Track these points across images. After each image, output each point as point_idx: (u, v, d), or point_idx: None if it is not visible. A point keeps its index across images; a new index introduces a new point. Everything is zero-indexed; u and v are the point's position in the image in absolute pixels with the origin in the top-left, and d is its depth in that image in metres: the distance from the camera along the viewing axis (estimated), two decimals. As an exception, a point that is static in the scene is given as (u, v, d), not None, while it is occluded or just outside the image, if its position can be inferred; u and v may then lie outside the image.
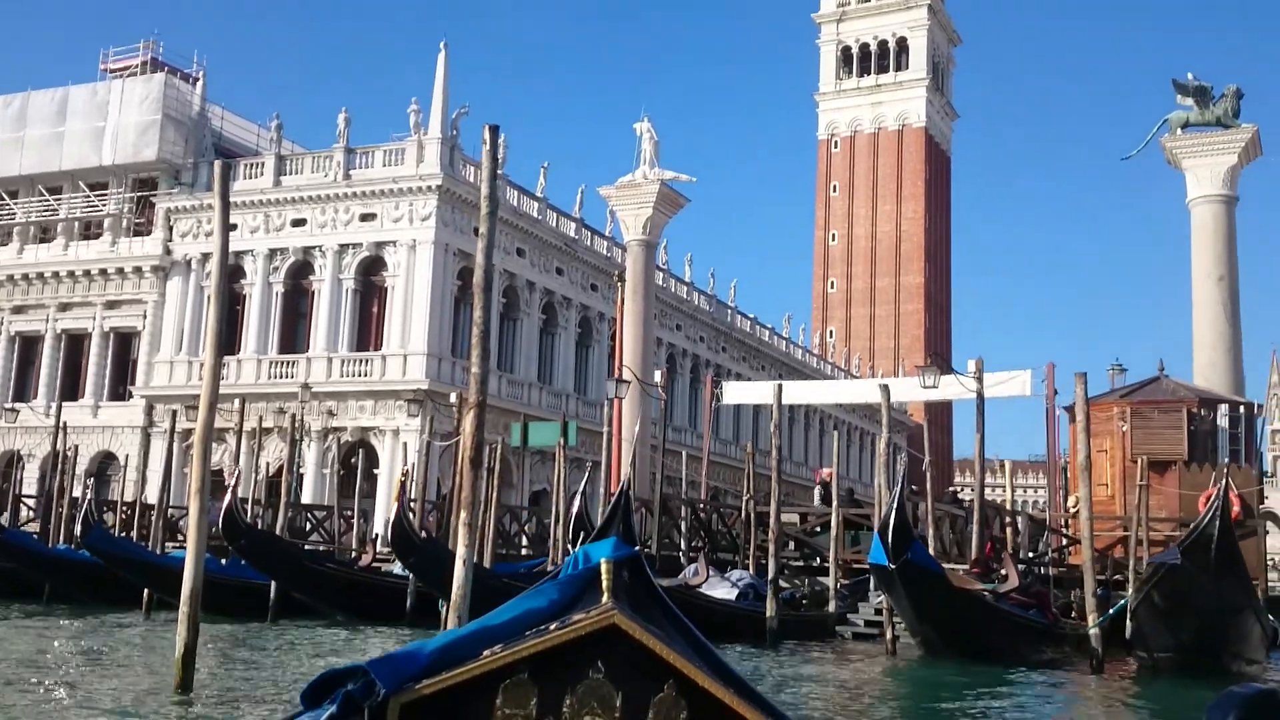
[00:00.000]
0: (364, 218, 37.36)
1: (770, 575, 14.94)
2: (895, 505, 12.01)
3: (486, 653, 2.56)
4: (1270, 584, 21.94)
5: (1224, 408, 19.34)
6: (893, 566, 11.90)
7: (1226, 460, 17.28)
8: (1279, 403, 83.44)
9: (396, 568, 20.76)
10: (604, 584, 2.65)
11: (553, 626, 2.62)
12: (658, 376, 21.84)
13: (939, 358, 20.11)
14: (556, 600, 2.79)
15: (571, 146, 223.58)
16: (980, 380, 16.87)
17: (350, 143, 38.03)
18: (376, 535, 24.80)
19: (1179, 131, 31.31)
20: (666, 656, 2.51)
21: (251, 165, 39.46)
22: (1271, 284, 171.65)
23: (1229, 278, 30.05)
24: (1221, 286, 29.99)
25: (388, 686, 2.50)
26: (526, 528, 25.89)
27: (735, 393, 32.48)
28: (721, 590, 16.21)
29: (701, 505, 22.35)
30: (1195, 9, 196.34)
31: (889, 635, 13.88)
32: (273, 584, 18.59)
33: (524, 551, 24.77)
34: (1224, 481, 11.21)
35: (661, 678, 2.51)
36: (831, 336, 71.95)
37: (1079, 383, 13.28)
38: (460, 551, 5.55)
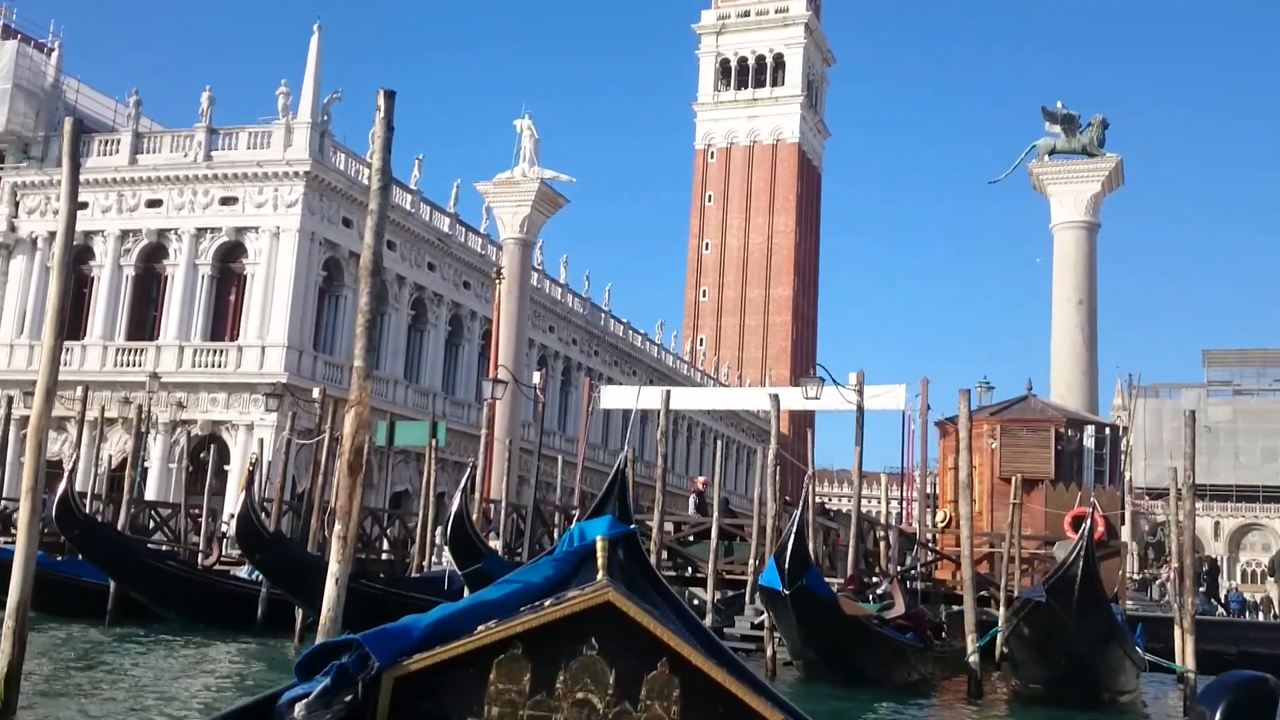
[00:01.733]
0: (224, 201, 35.68)
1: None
2: (796, 529, 11.67)
3: (481, 628, 2.53)
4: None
5: (1090, 428, 19.80)
6: (787, 593, 11.55)
7: (1093, 483, 17.71)
8: (1123, 426, 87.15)
9: (244, 570, 19.68)
10: (599, 561, 2.62)
11: (547, 603, 2.58)
12: (536, 378, 21.23)
13: (822, 369, 20.38)
14: (551, 577, 2.78)
15: (448, 141, 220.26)
16: (861, 393, 16.86)
17: (214, 123, 36.29)
18: (225, 534, 23.46)
19: (1046, 158, 32.21)
20: (660, 635, 2.48)
21: (106, 141, 37.31)
22: (1125, 310, 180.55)
23: (1088, 302, 31.03)
24: (1081, 310, 30.96)
25: (382, 660, 2.47)
26: (389, 531, 24.89)
27: (613, 397, 32.07)
28: (597, 601, 15.75)
29: (575, 511, 21.80)
30: (1066, 39, 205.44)
31: (769, 653, 13.59)
32: (112, 585, 17.31)
33: (384, 556, 23.78)
34: (1089, 520, 11.26)
35: (655, 656, 2.48)
36: (702, 344, 72.38)
37: (962, 399, 13.26)
38: (333, 568, 4.83)
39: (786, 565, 11.46)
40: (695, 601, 17.53)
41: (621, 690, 2.51)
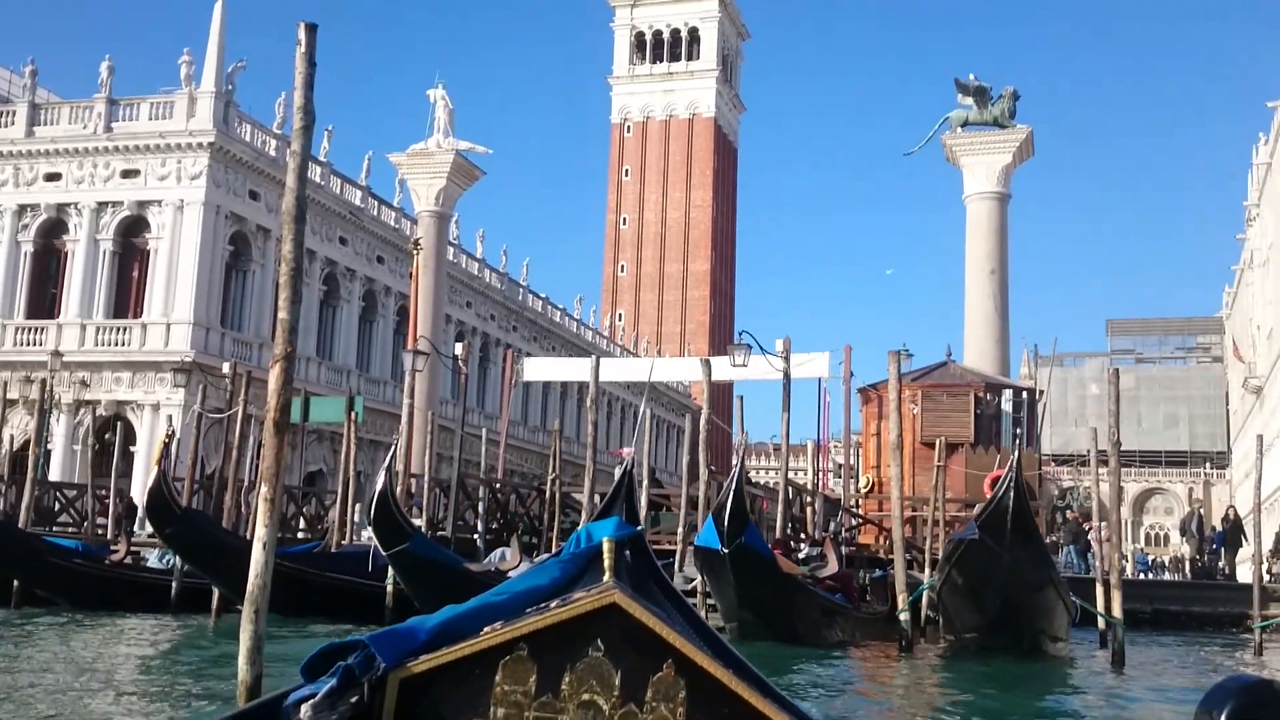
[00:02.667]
0: (126, 174, 34.42)
1: (579, 557, 14.33)
2: (735, 487, 11.57)
3: (487, 629, 2.54)
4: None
5: (1008, 393, 20.10)
6: (726, 551, 11.45)
7: (1018, 437, 17.97)
8: (1039, 390, 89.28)
9: (154, 558, 19.03)
10: (606, 563, 2.63)
11: (553, 604, 2.60)
12: (459, 349, 20.82)
13: (749, 336, 20.35)
14: (558, 578, 2.80)
15: (359, 112, 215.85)
16: (788, 360, 16.85)
17: (114, 94, 34.91)
18: (131, 530, 22.66)
19: (959, 130, 32.57)
20: (666, 636, 2.49)
21: (1, 113, 35.70)
22: (1034, 280, 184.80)
23: (1000, 272, 31.53)
24: (993, 280, 31.44)
25: (387, 661, 2.49)
26: (305, 510, 24.30)
27: (536, 369, 31.71)
28: (530, 574, 15.49)
29: (499, 486, 21.52)
30: (978, 11, 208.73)
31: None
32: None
33: (300, 535, 23.21)
34: (1016, 456, 11.31)
35: (661, 657, 2.49)
36: (621, 319, 72.25)
37: (891, 361, 13.28)
38: (260, 532, 4.51)
39: (726, 523, 11.39)
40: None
41: (627, 692, 2.50)
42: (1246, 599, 21.20)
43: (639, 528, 3.12)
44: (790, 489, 17.45)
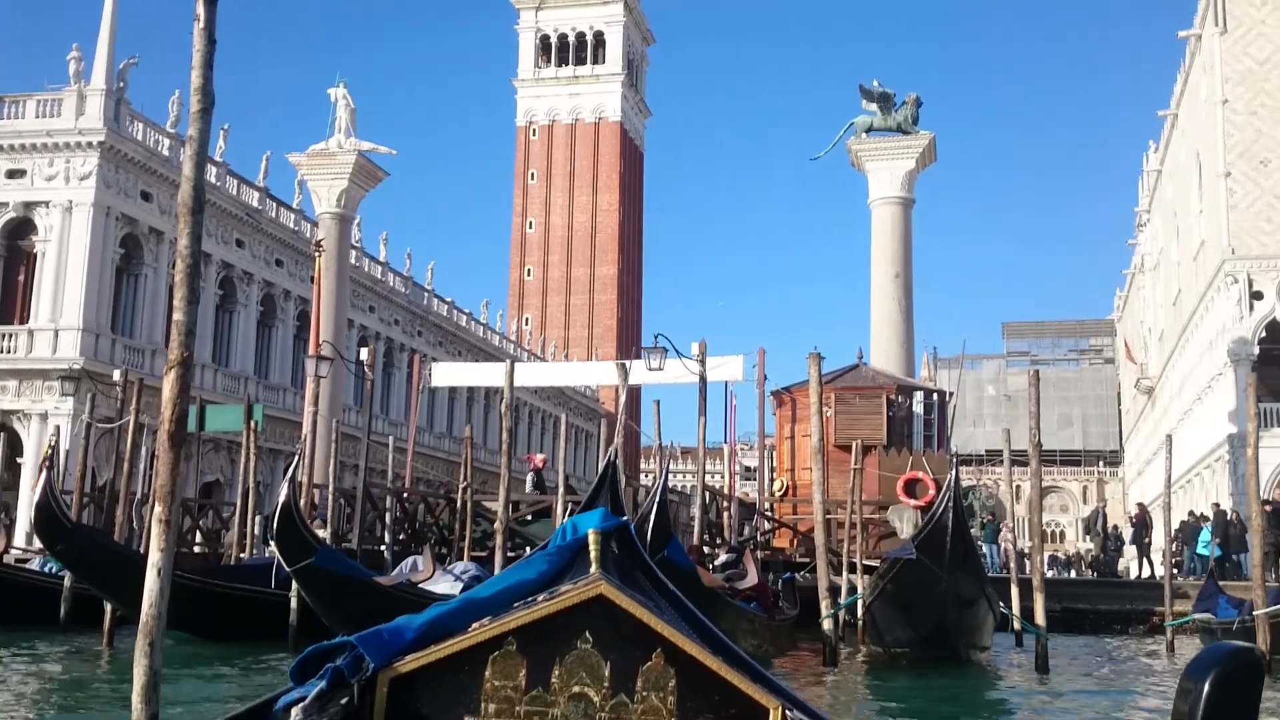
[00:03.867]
0: (11, 174, 32.80)
1: (496, 567, 13.86)
2: (659, 499, 11.21)
3: (474, 626, 2.54)
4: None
5: (919, 395, 20.22)
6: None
7: (922, 447, 18.06)
8: (949, 392, 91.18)
9: (37, 562, 18.04)
10: (592, 554, 2.62)
11: (540, 598, 2.60)
12: (364, 354, 20.16)
13: (664, 339, 20.09)
14: (545, 572, 2.78)
15: (256, 111, 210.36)
16: (704, 363, 16.67)
17: (-4, 89, 33.28)
18: (12, 520, 21.43)
19: (864, 135, 32.91)
20: (654, 625, 2.49)
21: None
22: (936, 284, 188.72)
23: (904, 275, 31.89)
24: (897, 283, 31.80)
25: (376, 661, 2.48)
26: (201, 523, 23.33)
27: (445, 374, 31.01)
28: (445, 585, 14.92)
29: (407, 495, 20.91)
30: (883, 18, 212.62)
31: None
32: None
33: (196, 549, 22.26)
34: (954, 471, 11.22)
35: (650, 647, 2.49)
36: (528, 324, 71.55)
37: (811, 363, 13.14)
38: (154, 557, 4.04)
39: (649, 537, 11.05)
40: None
41: (617, 682, 2.49)
42: (1153, 596, 21.70)
43: (624, 519, 2.93)
44: (707, 494, 17.24)
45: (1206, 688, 2.01)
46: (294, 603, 13.30)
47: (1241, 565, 23.72)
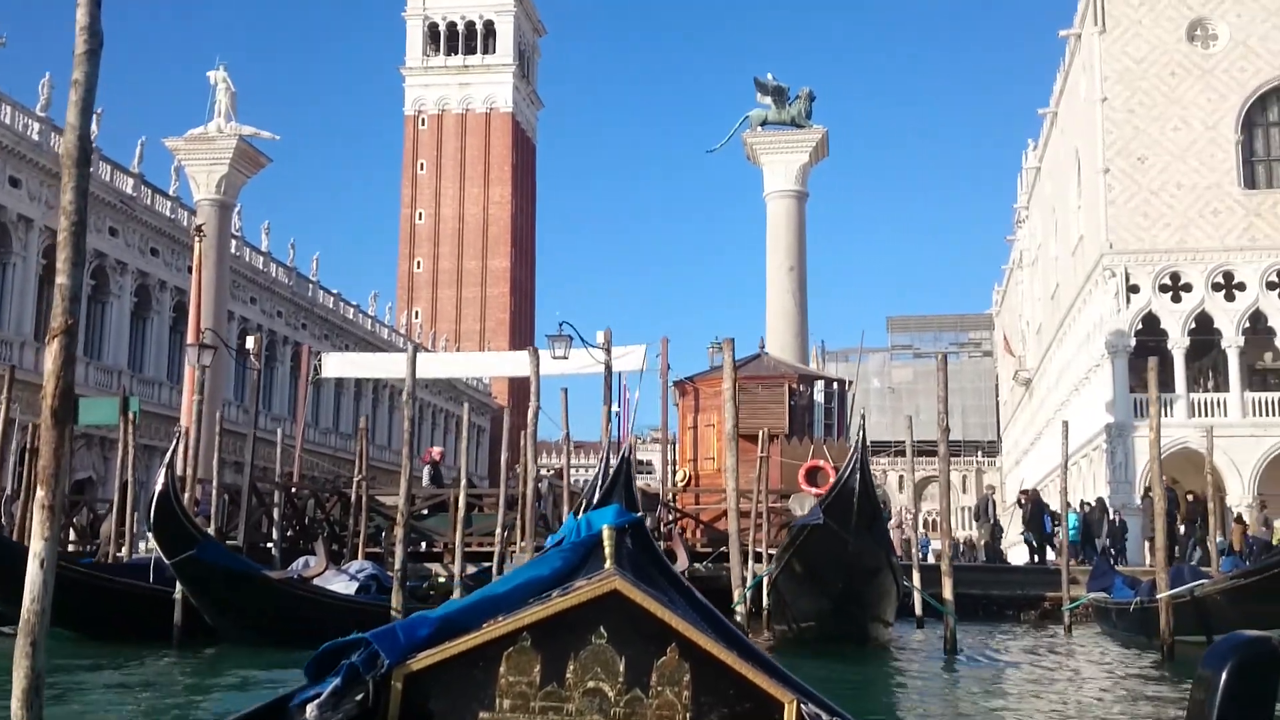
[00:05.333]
0: None
1: (397, 564, 13.31)
2: (603, 485, 10.84)
3: (489, 622, 2.56)
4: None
5: (820, 384, 20.27)
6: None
7: (823, 436, 18.11)
8: (849, 381, 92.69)
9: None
10: (606, 550, 2.64)
11: (555, 594, 2.60)
12: (250, 343, 19.30)
13: (569, 326, 19.69)
14: (559, 568, 2.80)
15: (130, 94, 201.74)
16: (609, 352, 16.37)
17: None
18: None
19: (759, 128, 32.99)
20: (668, 620, 2.50)
21: None
22: (827, 277, 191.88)
23: (798, 268, 32.11)
24: (792, 276, 31.99)
25: (391, 658, 2.48)
26: (75, 519, 22.10)
27: (337, 366, 29.95)
28: (339, 583, 14.32)
29: (295, 489, 20.11)
30: (773, 13, 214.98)
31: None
32: None
33: (70, 547, 21.08)
34: (861, 436, 11.14)
35: (664, 641, 2.49)
36: (418, 317, 70.24)
37: (727, 349, 12.94)
38: (37, 547, 3.53)
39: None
40: (442, 578, 16.43)
41: (632, 677, 2.49)
42: (1043, 582, 22.19)
43: (639, 514, 3.03)
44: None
45: (1224, 678, 1.99)
46: (178, 596, 12.55)
47: (1108, 552, 24.50)
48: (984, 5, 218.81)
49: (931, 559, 25.71)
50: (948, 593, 12.06)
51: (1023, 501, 27.32)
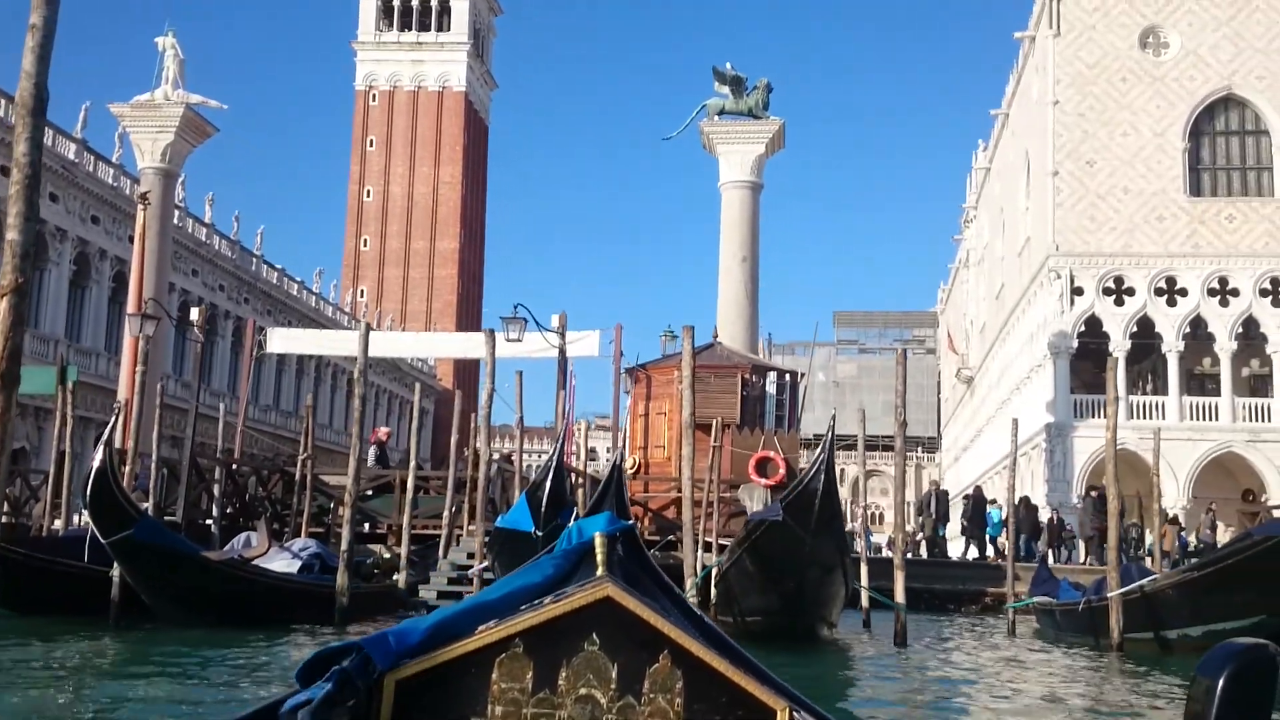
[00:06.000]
0: None
1: (344, 544, 13.04)
2: (555, 467, 10.66)
3: (481, 628, 2.58)
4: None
5: (772, 375, 20.25)
6: (540, 534, 10.54)
7: (774, 427, 18.06)
8: (801, 373, 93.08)
9: None
10: (599, 557, 2.66)
11: (547, 600, 2.62)
12: (194, 314, 18.84)
13: (524, 309, 19.48)
14: (551, 575, 2.82)
15: (74, 58, 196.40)
16: (563, 336, 16.18)
17: None
18: None
19: (716, 118, 32.92)
20: (661, 627, 2.50)
21: None
22: (778, 269, 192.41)
23: (751, 259, 32.13)
24: (745, 267, 32.00)
25: (383, 664, 2.48)
26: (9, 491, 21.47)
27: (285, 340, 29.37)
28: (281, 562, 14.00)
29: (236, 466, 19.70)
30: (732, 5, 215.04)
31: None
32: None
33: (2, 519, 20.50)
34: (829, 436, 11.06)
35: (656, 648, 2.50)
36: (363, 296, 69.32)
37: (686, 336, 12.84)
38: None
39: (544, 505, 10.53)
40: (387, 555, 16.16)
41: (624, 684, 2.49)
42: (983, 577, 22.44)
43: (630, 522, 3.02)
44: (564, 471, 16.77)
45: (1220, 685, 1.97)
46: (116, 577, 12.19)
47: (1046, 558, 24.82)
48: (941, 6, 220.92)
49: (868, 553, 25.87)
50: (899, 589, 12.07)
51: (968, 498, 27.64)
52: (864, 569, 14.76)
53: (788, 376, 20.71)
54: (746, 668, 2.55)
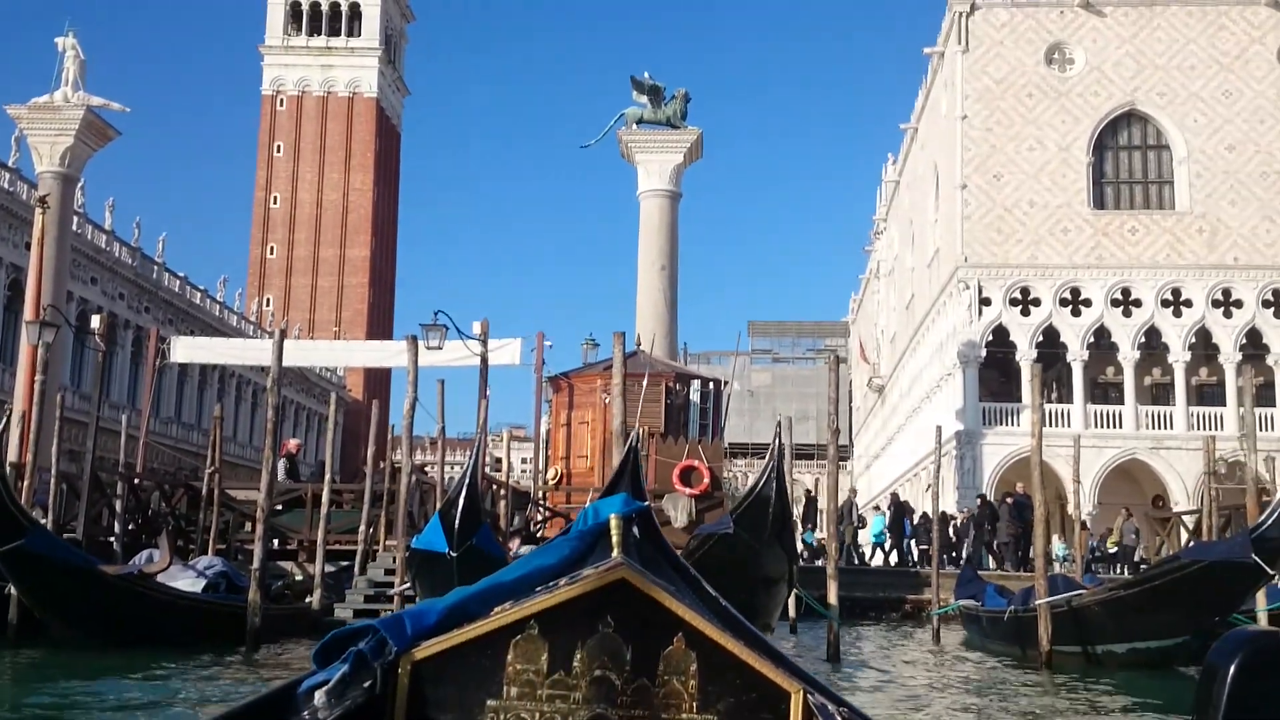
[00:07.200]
0: None
1: (256, 561, 12.48)
2: (469, 484, 10.25)
3: (496, 610, 2.59)
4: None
5: (696, 383, 20.14)
6: (454, 554, 10.15)
7: (698, 436, 17.93)
8: (725, 381, 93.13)
9: None
10: (614, 539, 2.64)
11: (562, 582, 2.62)
12: (96, 322, 18.02)
13: (444, 315, 19.02)
14: (567, 556, 2.84)
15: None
16: (485, 343, 15.81)
17: None
18: None
19: (634, 126, 32.85)
20: (675, 609, 2.50)
21: None
22: (695, 279, 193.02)
23: (670, 269, 32.09)
24: (663, 275, 31.95)
25: (398, 644, 2.50)
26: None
27: (191, 350, 28.30)
28: (186, 580, 13.36)
29: (139, 480, 18.88)
30: (649, 12, 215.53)
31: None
32: None
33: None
34: (776, 445, 10.91)
35: (671, 631, 2.49)
36: (269, 305, 67.64)
37: (616, 343, 12.61)
38: None
39: (457, 524, 10.13)
40: (299, 577, 15.59)
41: (639, 666, 2.49)
42: (902, 584, 22.58)
43: (646, 504, 2.99)
44: (485, 482, 16.39)
45: (1231, 672, 2.00)
46: (14, 595, 11.51)
47: (971, 560, 25.18)
48: (852, 21, 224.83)
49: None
50: (832, 596, 11.99)
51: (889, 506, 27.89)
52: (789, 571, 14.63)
53: (711, 385, 20.62)
54: (761, 650, 2.56)
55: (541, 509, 18.79)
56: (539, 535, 18.78)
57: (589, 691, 2.49)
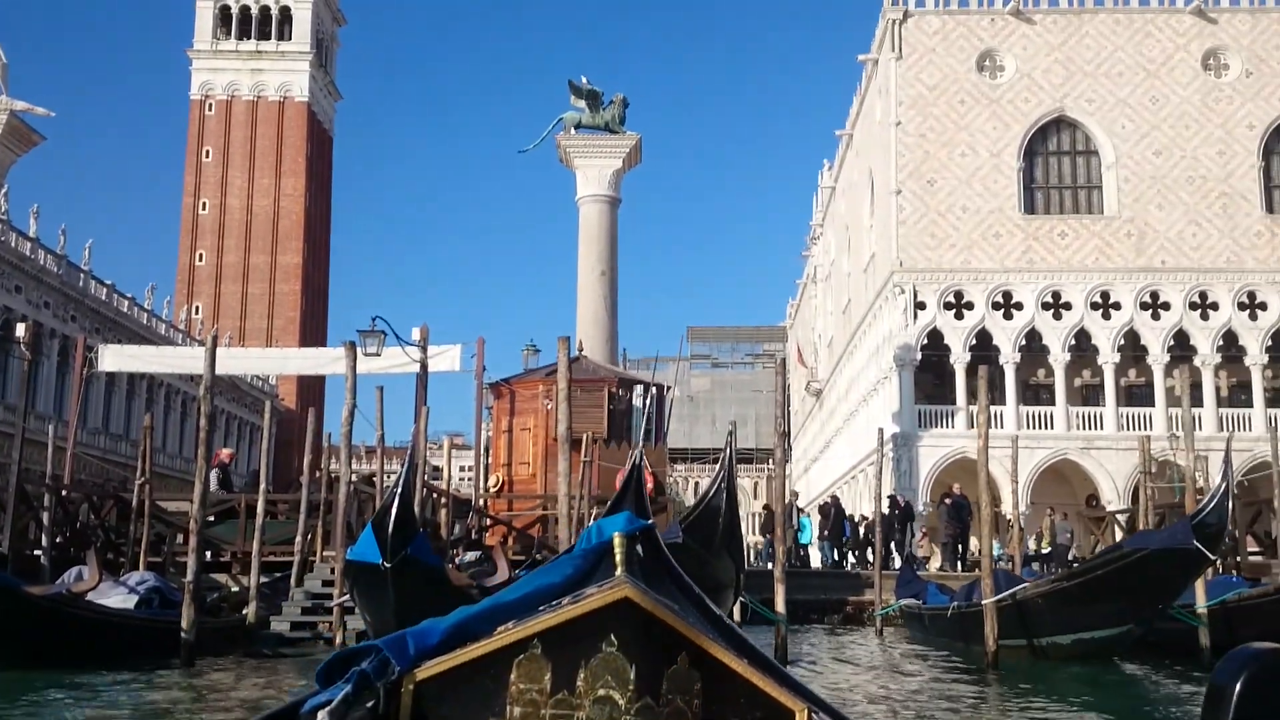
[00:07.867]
0: None
1: (189, 575, 12.11)
2: (401, 492, 9.99)
3: (499, 629, 2.60)
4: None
5: (639, 388, 20.05)
6: (388, 565, 9.87)
7: (641, 441, 17.83)
8: (668, 386, 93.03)
9: None
10: (617, 557, 2.62)
11: (565, 601, 2.61)
12: (20, 330, 17.44)
13: (383, 321, 18.82)
14: (570, 575, 2.85)
15: None
16: (425, 350, 15.57)
17: None
18: None
19: (572, 131, 32.76)
20: (679, 629, 2.47)
21: None
22: (634, 284, 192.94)
23: (610, 274, 32.03)
24: (603, 281, 31.88)
25: (401, 664, 2.51)
26: None
27: (119, 358, 27.58)
28: (117, 597, 12.93)
29: (67, 493, 18.32)
30: (585, 16, 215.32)
31: (338, 640, 11.92)
32: None
33: None
34: (728, 453, 10.83)
35: (675, 649, 2.46)
36: (198, 313, 66.28)
37: (561, 347, 12.46)
38: None
39: (390, 534, 9.87)
40: (235, 589, 15.20)
41: (643, 685, 2.45)
42: (843, 586, 22.67)
43: (650, 521, 2.93)
44: (425, 491, 16.15)
45: (1238, 689, 1.97)
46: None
47: (913, 558, 25.42)
48: (788, 28, 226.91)
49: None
50: (780, 600, 11.96)
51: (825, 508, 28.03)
52: (740, 580, 14.60)
53: (654, 390, 20.56)
54: (765, 669, 2.55)
55: (484, 516, 18.55)
56: (479, 542, 18.58)
57: (592, 711, 2.46)
